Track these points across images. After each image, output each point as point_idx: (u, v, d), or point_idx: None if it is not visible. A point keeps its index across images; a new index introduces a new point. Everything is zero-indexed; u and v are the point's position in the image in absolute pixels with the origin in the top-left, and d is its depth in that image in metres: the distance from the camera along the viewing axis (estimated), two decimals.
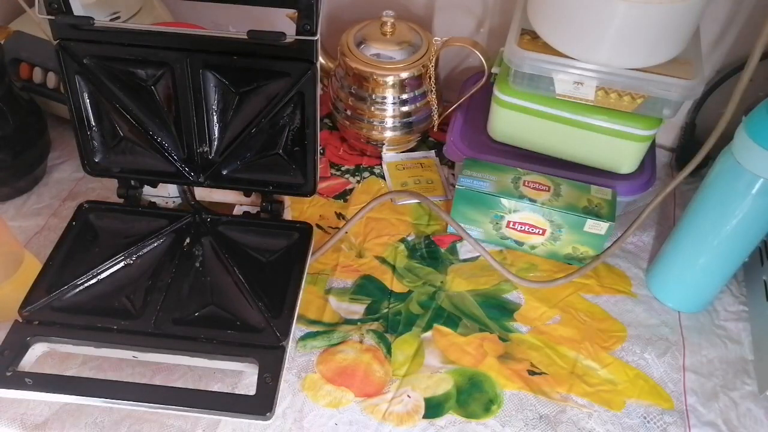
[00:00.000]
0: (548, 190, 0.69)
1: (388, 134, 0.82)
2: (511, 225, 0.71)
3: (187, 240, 0.67)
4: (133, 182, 0.70)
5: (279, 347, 0.58)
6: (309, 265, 0.67)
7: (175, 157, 0.67)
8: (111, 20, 0.75)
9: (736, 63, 0.75)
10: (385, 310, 0.68)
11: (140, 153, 0.67)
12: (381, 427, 0.59)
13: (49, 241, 0.72)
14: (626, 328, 0.67)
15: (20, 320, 0.60)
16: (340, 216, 0.77)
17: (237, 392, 0.60)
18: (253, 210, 0.72)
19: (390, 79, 0.77)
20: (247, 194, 0.72)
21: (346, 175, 0.83)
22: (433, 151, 0.86)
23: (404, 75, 0.77)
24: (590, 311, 0.69)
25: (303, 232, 0.68)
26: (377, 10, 0.77)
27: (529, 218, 0.70)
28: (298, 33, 0.58)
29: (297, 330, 0.65)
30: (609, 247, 0.71)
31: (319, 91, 0.62)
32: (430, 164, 0.84)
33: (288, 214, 0.74)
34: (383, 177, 0.82)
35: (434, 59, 0.77)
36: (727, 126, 0.59)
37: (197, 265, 0.65)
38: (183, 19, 0.87)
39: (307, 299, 0.68)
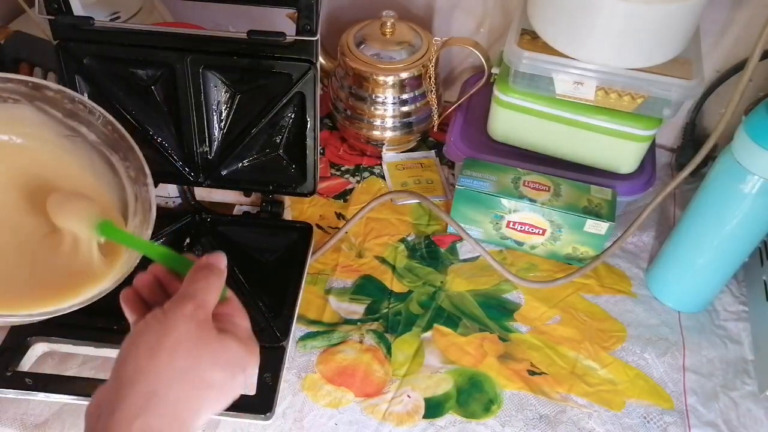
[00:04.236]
0: (548, 190, 0.69)
1: (388, 134, 0.82)
2: (511, 225, 0.71)
3: (187, 240, 0.67)
4: None
5: (279, 347, 0.58)
6: (309, 265, 0.67)
7: (175, 158, 0.67)
8: (111, 20, 0.75)
9: (736, 63, 0.75)
10: (385, 310, 0.68)
11: None
12: (381, 427, 0.59)
13: None
14: (626, 328, 0.67)
15: None
16: (340, 216, 0.77)
17: None
18: (253, 210, 0.72)
19: (390, 79, 0.77)
20: (247, 194, 0.72)
21: (346, 175, 0.83)
22: (433, 151, 0.86)
23: (404, 75, 0.77)
24: (590, 311, 0.69)
25: (303, 232, 0.68)
26: (377, 10, 0.77)
27: (529, 218, 0.70)
28: (298, 33, 0.58)
29: (297, 330, 0.65)
30: (609, 247, 0.71)
31: (319, 91, 0.62)
32: (430, 164, 0.84)
33: (288, 214, 0.74)
34: (383, 177, 0.82)
35: (434, 59, 0.77)
36: (727, 126, 0.59)
37: None
38: (183, 19, 0.87)
39: (307, 299, 0.68)
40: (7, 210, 0.44)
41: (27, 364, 0.59)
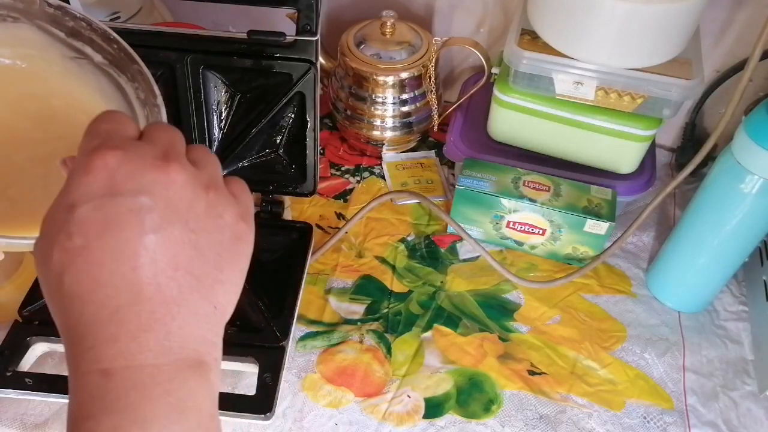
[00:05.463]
0: (548, 190, 0.69)
1: (388, 134, 0.82)
2: (511, 225, 0.71)
3: None
4: None
5: (279, 347, 0.58)
6: (309, 265, 0.67)
7: None
8: (111, 20, 0.75)
9: (736, 63, 0.75)
10: (385, 310, 0.68)
11: None
12: (381, 427, 0.59)
13: None
14: (626, 328, 0.67)
15: (20, 320, 0.60)
16: (340, 216, 0.77)
17: (237, 392, 0.60)
18: (253, 210, 0.72)
19: (390, 79, 0.77)
20: None
21: (346, 175, 0.83)
22: (433, 151, 0.86)
23: (404, 75, 0.77)
24: (590, 311, 0.69)
25: (303, 232, 0.68)
26: (377, 10, 0.77)
27: (529, 218, 0.70)
28: (298, 33, 0.58)
29: (297, 330, 0.65)
30: (609, 247, 0.71)
31: (319, 91, 0.62)
32: (430, 164, 0.84)
33: (288, 214, 0.74)
34: (383, 177, 0.82)
35: (434, 59, 0.77)
36: (727, 126, 0.59)
37: None
38: (183, 19, 0.87)
39: (307, 299, 0.68)
40: (22, 139, 0.43)
41: (27, 364, 0.59)
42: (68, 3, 0.58)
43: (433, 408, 0.60)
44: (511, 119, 0.73)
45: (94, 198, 0.26)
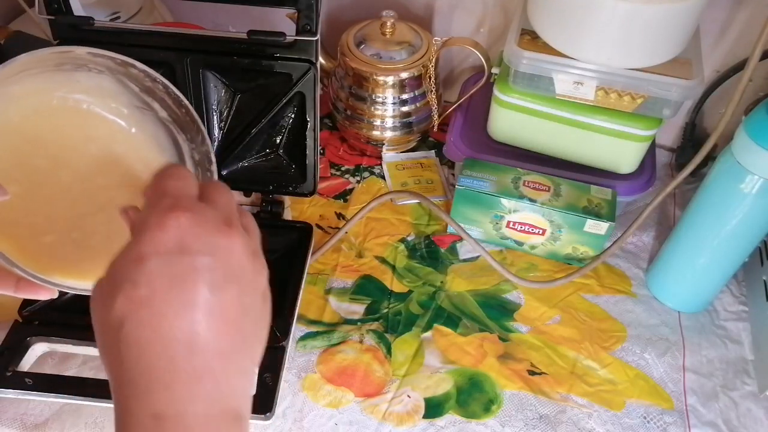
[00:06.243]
0: (548, 190, 0.69)
1: (388, 134, 0.82)
2: (511, 225, 0.71)
3: None
4: None
5: (279, 347, 0.58)
6: (309, 265, 0.67)
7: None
8: (111, 20, 0.75)
9: (736, 63, 0.75)
10: (385, 310, 0.68)
11: None
12: (381, 427, 0.59)
13: None
14: (626, 328, 0.67)
15: (20, 320, 0.60)
16: (340, 216, 0.77)
17: None
18: (253, 210, 0.72)
19: (390, 79, 0.77)
20: (247, 194, 0.72)
21: (346, 175, 0.83)
22: (433, 151, 0.86)
23: (404, 75, 0.77)
24: (590, 311, 0.69)
25: (303, 232, 0.68)
26: (377, 10, 0.77)
27: (529, 218, 0.70)
28: (298, 33, 0.58)
29: (297, 330, 0.65)
30: (609, 247, 0.71)
31: (319, 91, 0.62)
32: (430, 164, 0.84)
33: (288, 214, 0.74)
34: (383, 177, 0.82)
35: (434, 59, 0.77)
36: (727, 126, 0.59)
37: None
38: (183, 19, 0.87)
39: (307, 299, 0.68)
40: (88, 185, 0.44)
41: (27, 364, 0.59)
42: (70, 8, 0.58)
43: (433, 408, 0.60)
44: (511, 119, 0.73)
45: (163, 253, 0.29)
